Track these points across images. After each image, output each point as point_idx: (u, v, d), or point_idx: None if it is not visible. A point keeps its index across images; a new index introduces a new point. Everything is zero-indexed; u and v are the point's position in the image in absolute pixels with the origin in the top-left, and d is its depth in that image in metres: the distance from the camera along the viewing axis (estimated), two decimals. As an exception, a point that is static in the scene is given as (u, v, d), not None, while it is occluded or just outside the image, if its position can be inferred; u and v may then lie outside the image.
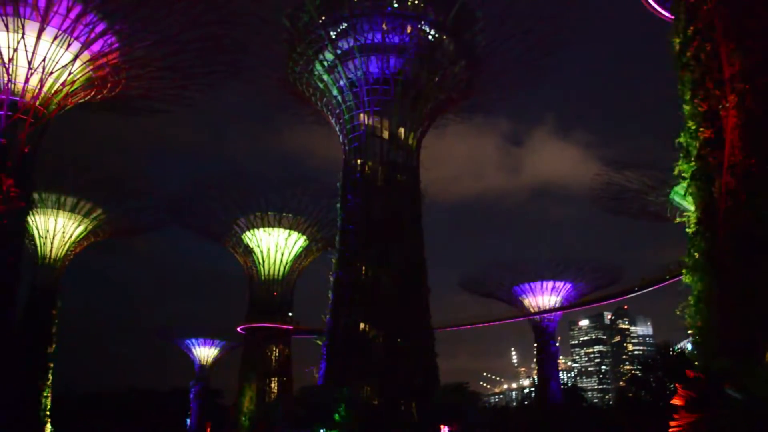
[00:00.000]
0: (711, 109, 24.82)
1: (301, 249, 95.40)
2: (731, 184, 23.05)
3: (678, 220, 27.42)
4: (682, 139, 26.87)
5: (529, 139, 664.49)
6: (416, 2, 58.24)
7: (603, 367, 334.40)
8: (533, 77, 70.56)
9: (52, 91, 48.71)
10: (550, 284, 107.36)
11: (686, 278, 25.21)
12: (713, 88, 24.79)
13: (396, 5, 57.72)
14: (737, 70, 23.58)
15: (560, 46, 64.24)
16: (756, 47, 23.27)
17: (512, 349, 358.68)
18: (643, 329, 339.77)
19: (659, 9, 34.45)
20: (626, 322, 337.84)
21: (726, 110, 23.96)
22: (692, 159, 25.67)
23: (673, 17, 28.99)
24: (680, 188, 70.26)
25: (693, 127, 25.73)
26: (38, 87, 47.45)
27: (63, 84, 49.22)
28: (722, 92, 24.31)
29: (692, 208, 26.12)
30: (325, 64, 60.85)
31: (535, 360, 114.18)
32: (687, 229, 25.71)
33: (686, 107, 26.56)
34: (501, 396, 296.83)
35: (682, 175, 26.83)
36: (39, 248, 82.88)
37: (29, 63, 46.62)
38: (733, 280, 22.09)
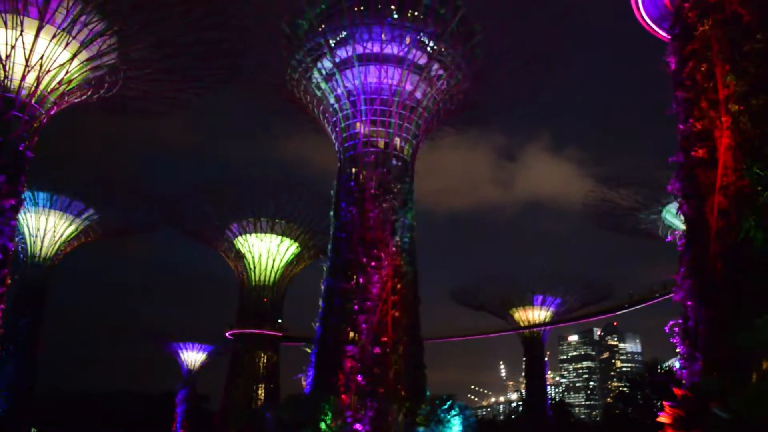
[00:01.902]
0: (705, 129, 25.01)
1: (292, 256, 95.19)
2: (723, 204, 23.20)
3: (669, 238, 27.56)
4: (675, 158, 27.03)
5: (522, 154, 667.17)
6: (416, 13, 58.49)
7: (591, 383, 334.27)
8: (530, 91, 70.91)
9: (49, 90, 48.57)
10: (541, 298, 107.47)
11: (676, 296, 25.32)
12: (708, 108, 24.98)
13: (396, 16, 57.93)
14: (732, 92, 23.78)
15: (557, 61, 64.66)
16: (751, 69, 23.48)
17: (501, 362, 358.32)
18: (631, 346, 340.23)
19: (656, 29, 34.71)
20: (615, 339, 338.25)
21: (720, 131, 24.14)
22: (685, 178, 25.83)
23: (669, 37, 29.24)
24: (672, 207, 70.65)
25: (687, 147, 25.91)
26: (35, 85, 47.28)
27: (60, 83, 49.07)
28: (717, 113, 24.50)
29: (684, 226, 26.25)
30: (323, 72, 60.97)
31: (523, 374, 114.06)
32: (678, 248, 25.83)
33: (681, 126, 26.74)
34: (488, 409, 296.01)
35: (675, 193, 26.99)
36: (29, 247, 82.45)
37: (26, 61, 46.46)
38: (722, 299, 22.17)
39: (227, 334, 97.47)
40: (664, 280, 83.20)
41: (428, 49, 59.66)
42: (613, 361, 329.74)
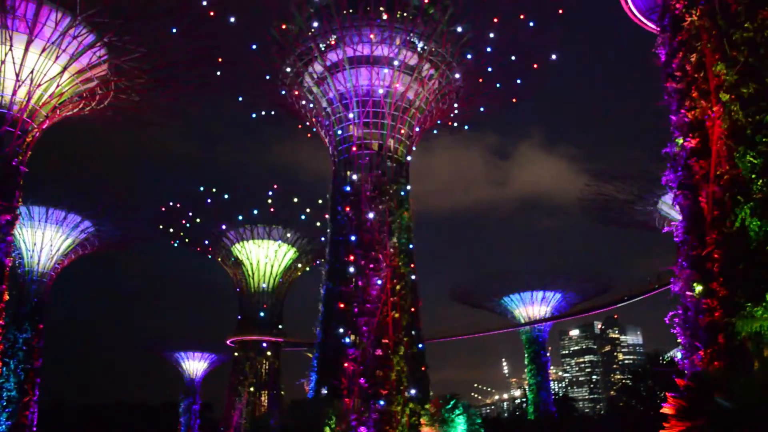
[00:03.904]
0: (697, 119, 25.09)
1: (290, 261, 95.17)
2: (718, 193, 23.28)
3: (666, 229, 27.63)
4: (669, 149, 27.11)
5: (515, 152, 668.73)
6: (405, 14, 58.56)
7: (594, 376, 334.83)
8: (521, 90, 70.96)
9: (40, 104, 48.45)
10: (540, 294, 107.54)
11: (675, 287, 25.38)
12: (699, 99, 25.07)
13: (385, 17, 57.99)
14: (722, 81, 23.87)
15: (548, 59, 64.74)
16: (740, 58, 23.58)
17: (503, 359, 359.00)
18: (633, 338, 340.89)
19: (645, 21, 34.79)
20: (616, 332, 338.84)
21: (712, 120, 24.22)
22: (679, 169, 25.90)
23: (658, 29, 29.33)
24: (668, 198, 70.99)
25: (679, 138, 25.99)
26: (26, 99, 47.16)
27: (51, 96, 48.96)
28: (708, 102, 24.60)
29: (680, 217, 26.32)
30: (315, 76, 61.02)
31: (526, 370, 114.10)
32: (675, 238, 25.90)
33: (673, 118, 26.83)
34: (492, 407, 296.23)
35: (670, 184, 27.06)
36: (26, 262, 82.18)
37: (17, 75, 46.34)
38: (719, 288, 22.25)
39: (228, 342, 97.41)
40: (659, 272, 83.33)
41: (419, 49, 59.74)
42: (615, 354, 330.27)
